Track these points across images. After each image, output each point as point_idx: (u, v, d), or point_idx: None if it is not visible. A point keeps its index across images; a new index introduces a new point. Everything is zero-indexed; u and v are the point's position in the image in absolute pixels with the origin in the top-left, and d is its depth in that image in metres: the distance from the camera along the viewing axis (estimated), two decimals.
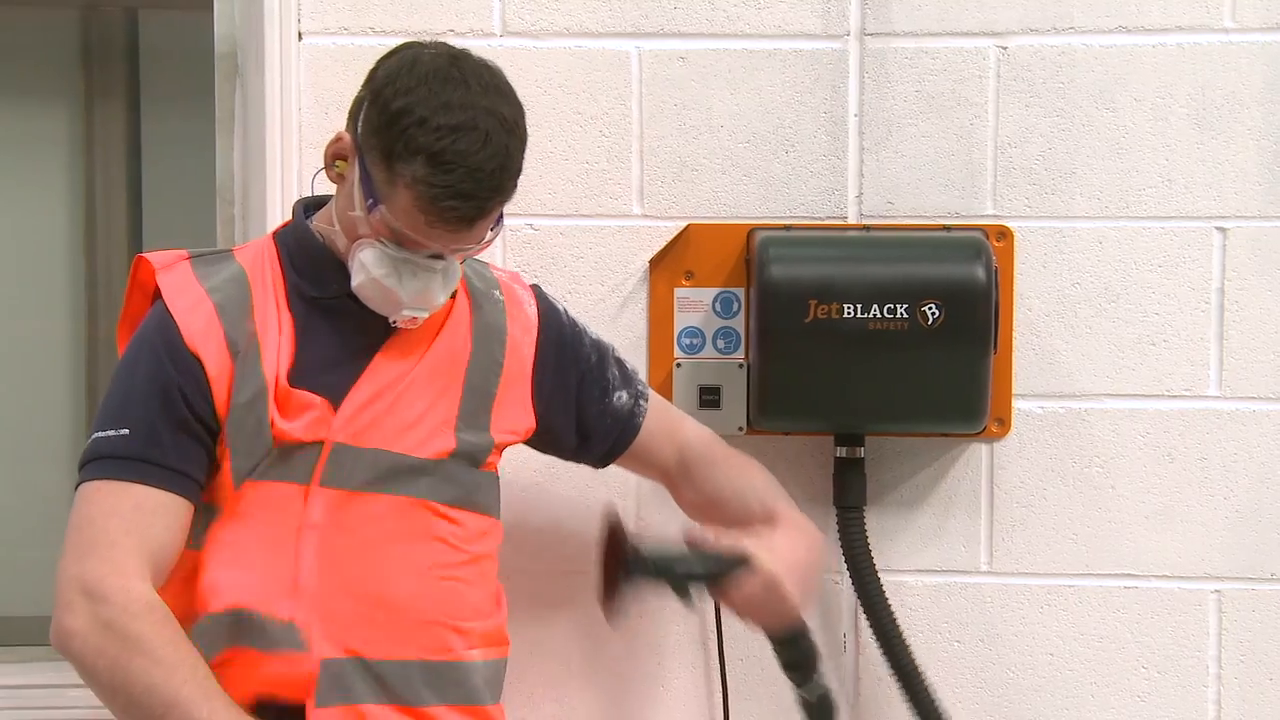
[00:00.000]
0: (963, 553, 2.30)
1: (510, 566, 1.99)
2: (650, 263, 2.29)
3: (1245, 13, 2.25)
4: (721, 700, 2.28)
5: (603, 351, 2.04)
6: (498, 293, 1.97)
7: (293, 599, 1.77)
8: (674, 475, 2.07)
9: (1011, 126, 2.28)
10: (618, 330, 2.28)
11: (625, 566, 1.86)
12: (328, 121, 2.26)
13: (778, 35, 2.28)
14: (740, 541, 1.90)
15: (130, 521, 1.72)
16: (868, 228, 2.27)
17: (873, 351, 2.13)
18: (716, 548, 1.90)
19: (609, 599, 1.87)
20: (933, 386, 2.15)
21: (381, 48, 1.84)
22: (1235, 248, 2.27)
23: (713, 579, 1.89)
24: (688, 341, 2.28)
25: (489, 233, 1.81)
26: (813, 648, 1.97)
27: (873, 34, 2.28)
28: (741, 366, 2.27)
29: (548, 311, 2.02)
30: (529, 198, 2.28)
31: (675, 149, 2.30)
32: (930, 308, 2.12)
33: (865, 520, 2.23)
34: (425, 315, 1.82)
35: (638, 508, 2.29)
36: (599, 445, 2.04)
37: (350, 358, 1.83)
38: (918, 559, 2.30)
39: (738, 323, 2.28)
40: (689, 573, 1.89)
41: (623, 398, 2.03)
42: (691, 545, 1.92)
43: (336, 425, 1.80)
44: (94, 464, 1.76)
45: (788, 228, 2.27)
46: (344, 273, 1.82)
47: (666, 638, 2.32)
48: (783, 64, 2.29)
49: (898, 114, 2.28)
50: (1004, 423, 2.27)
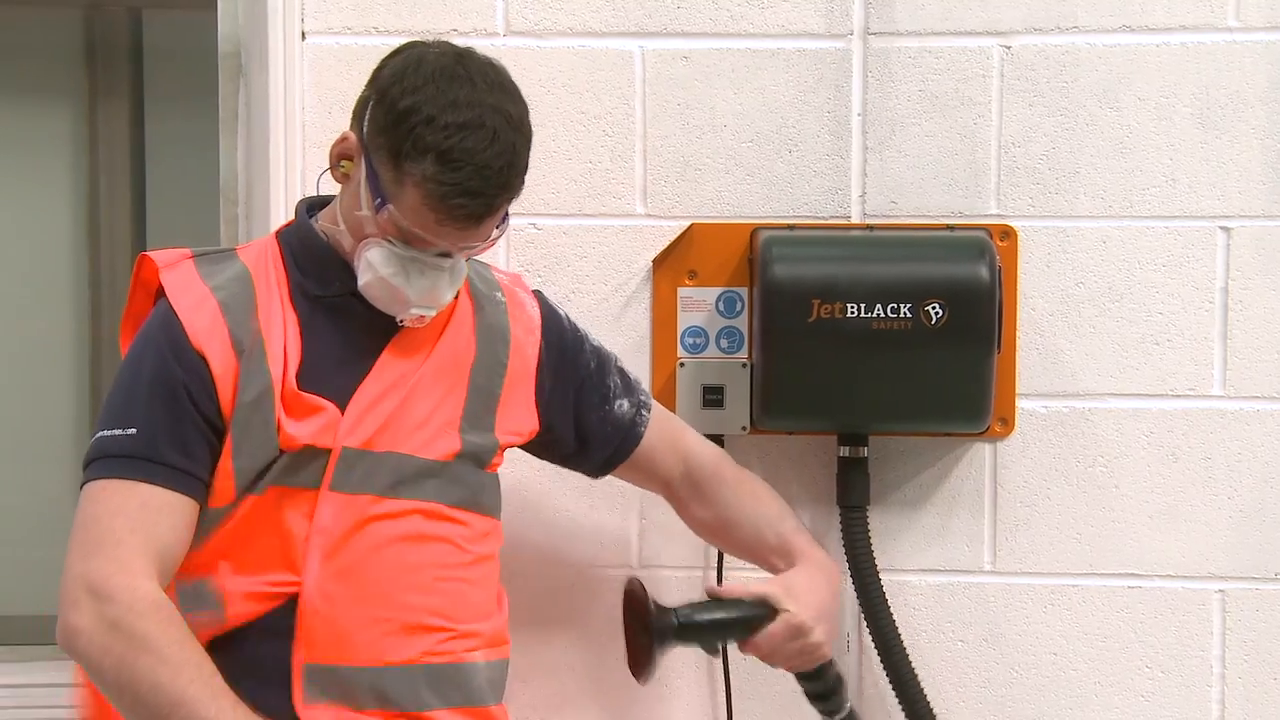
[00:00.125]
0: (966, 552, 2.30)
1: (512, 567, 1.99)
2: (654, 262, 2.29)
3: (1249, 12, 2.25)
4: (725, 700, 2.28)
5: (604, 359, 2.04)
6: (499, 294, 1.97)
7: (296, 601, 1.77)
8: (678, 489, 2.07)
9: (1015, 126, 2.27)
10: (621, 330, 2.29)
11: (651, 632, 1.85)
12: (331, 121, 2.26)
13: (781, 35, 2.28)
14: (762, 589, 1.91)
15: (136, 520, 1.72)
16: (871, 227, 2.27)
17: (876, 351, 2.13)
18: (739, 597, 1.90)
19: (638, 664, 1.87)
20: (936, 386, 2.15)
21: (385, 47, 1.84)
22: (1239, 247, 2.27)
23: (738, 633, 1.89)
24: (691, 341, 2.28)
25: (495, 230, 1.81)
26: (838, 677, 1.98)
27: (876, 33, 2.28)
28: (745, 366, 2.27)
29: (549, 315, 2.02)
30: (532, 197, 2.27)
31: (679, 148, 2.30)
32: (934, 307, 2.12)
33: (869, 520, 2.23)
34: (432, 314, 1.82)
35: (640, 508, 2.30)
36: (599, 452, 2.03)
37: (355, 358, 1.83)
38: (921, 558, 2.30)
39: (741, 322, 2.28)
40: (716, 627, 1.89)
41: (624, 406, 2.02)
42: (714, 597, 1.92)
43: (344, 429, 1.79)
44: (99, 463, 1.75)
45: (791, 227, 2.27)
46: (348, 272, 1.82)
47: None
48: (786, 63, 2.29)
49: (901, 113, 2.28)
50: (1007, 422, 2.27)
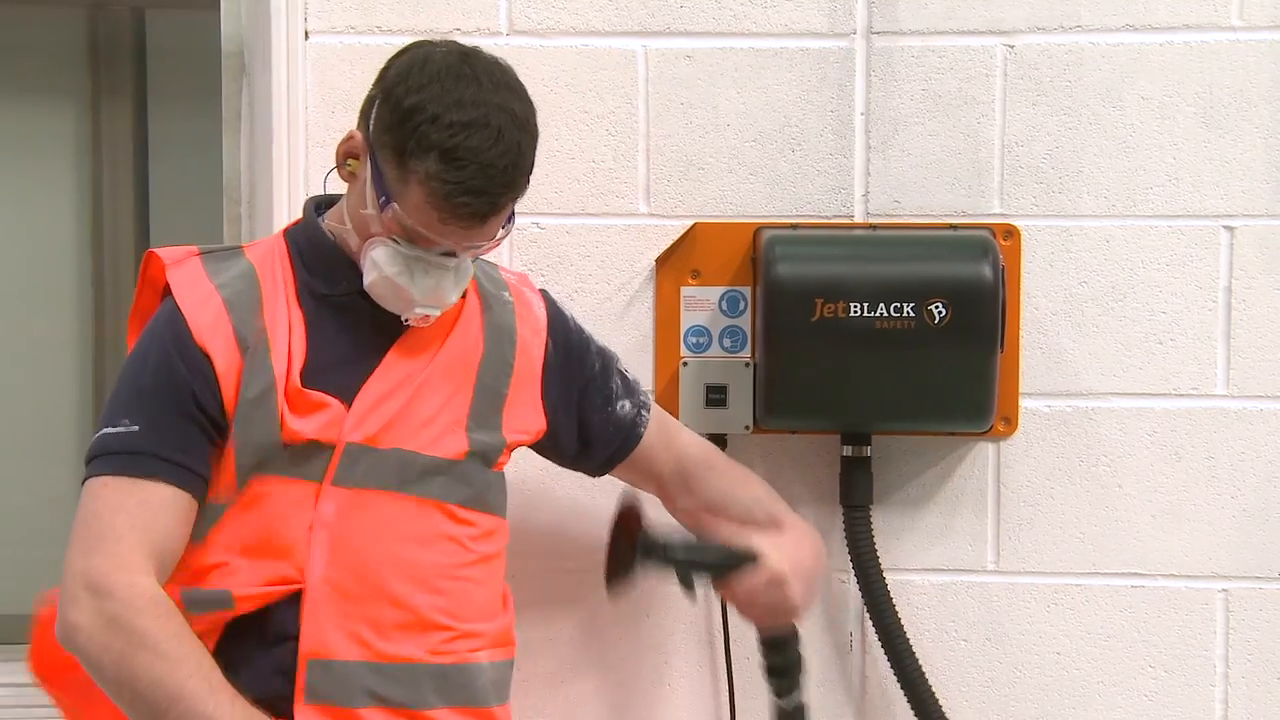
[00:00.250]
0: (969, 552, 2.30)
1: (514, 566, 1.99)
2: (657, 261, 2.29)
3: (1253, 11, 2.25)
4: (728, 699, 2.29)
5: (607, 360, 2.05)
6: (506, 294, 1.97)
7: (297, 588, 1.77)
8: (669, 484, 2.07)
9: (1018, 125, 2.27)
10: (624, 329, 2.29)
11: (636, 547, 1.87)
12: (334, 120, 2.26)
13: (784, 34, 2.28)
14: (749, 539, 1.92)
15: (136, 516, 1.72)
16: (874, 226, 2.27)
17: (879, 350, 2.13)
18: (726, 540, 1.92)
19: (614, 576, 1.88)
20: (939, 385, 2.15)
21: (388, 47, 1.84)
22: (1242, 246, 2.27)
23: (719, 571, 1.91)
24: (694, 340, 2.28)
25: (500, 230, 1.81)
26: (800, 656, 1.99)
27: (879, 32, 2.28)
28: (748, 365, 2.27)
29: (556, 315, 2.02)
30: (535, 196, 2.26)
31: (682, 148, 2.30)
32: (937, 306, 2.12)
33: (872, 519, 2.23)
34: (437, 313, 1.82)
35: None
36: (600, 452, 2.04)
37: (362, 356, 1.83)
38: (924, 558, 2.30)
39: (744, 321, 2.28)
40: (697, 561, 1.91)
41: (625, 406, 2.03)
42: (702, 536, 1.93)
43: (349, 424, 1.79)
44: (101, 459, 1.76)
45: (794, 226, 2.27)
46: (355, 271, 1.82)
47: (672, 636, 2.32)
48: (789, 63, 2.28)
49: (904, 112, 2.28)
50: (1011, 421, 2.27)
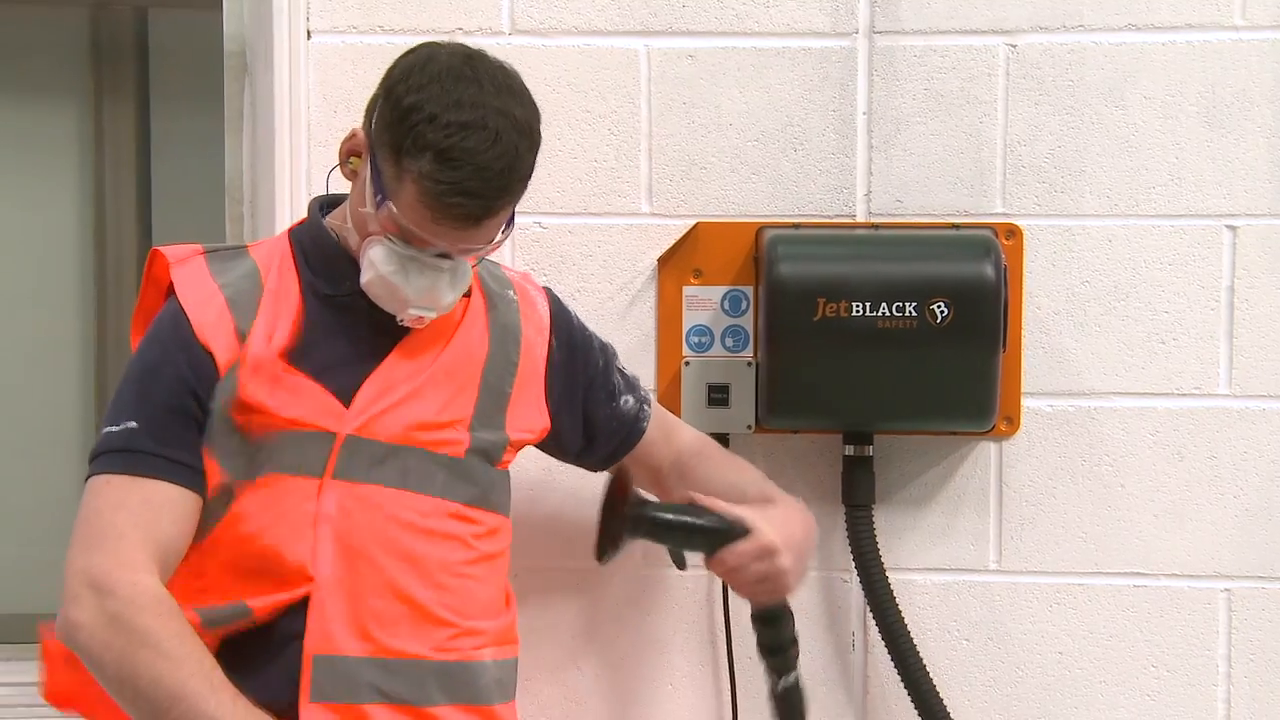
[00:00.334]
0: (971, 551, 2.30)
1: (517, 563, 1.99)
2: (659, 261, 2.29)
3: (1255, 10, 2.25)
4: (730, 697, 2.29)
5: (609, 356, 2.06)
6: (511, 293, 1.97)
7: (305, 587, 1.77)
8: (667, 478, 2.07)
9: (1021, 124, 2.27)
10: (626, 328, 2.29)
11: (625, 518, 1.86)
12: (336, 120, 2.26)
13: (786, 33, 2.28)
14: (739, 510, 1.91)
15: (138, 515, 1.72)
16: (876, 226, 2.27)
17: (881, 350, 2.13)
18: (718, 511, 1.91)
19: (604, 546, 1.86)
20: (942, 385, 2.15)
21: (390, 46, 1.85)
22: (1245, 246, 2.26)
23: (709, 542, 1.89)
24: (696, 340, 2.28)
25: (499, 234, 1.80)
26: (793, 633, 1.98)
27: (881, 32, 2.28)
28: (750, 365, 2.27)
29: (559, 313, 2.02)
30: (537, 196, 2.27)
31: (684, 147, 2.29)
32: (939, 306, 2.12)
33: (874, 518, 2.23)
34: (432, 315, 1.81)
35: None
36: (603, 448, 2.04)
37: (365, 355, 1.83)
38: (926, 557, 2.30)
39: (746, 321, 2.28)
40: (686, 530, 1.90)
41: (629, 402, 2.04)
42: (693, 504, 1.92)
43: (349, 418, 1.79)
44: (103, 457, 1.76)
45: (796, 226, 2.27)
46: (357, 270, 1.82)
47: (675, 634, 2.32)
48: (791, 62, 2.28)
49: (906, 112, 2.28)
50: (1013, 421, 2.27)
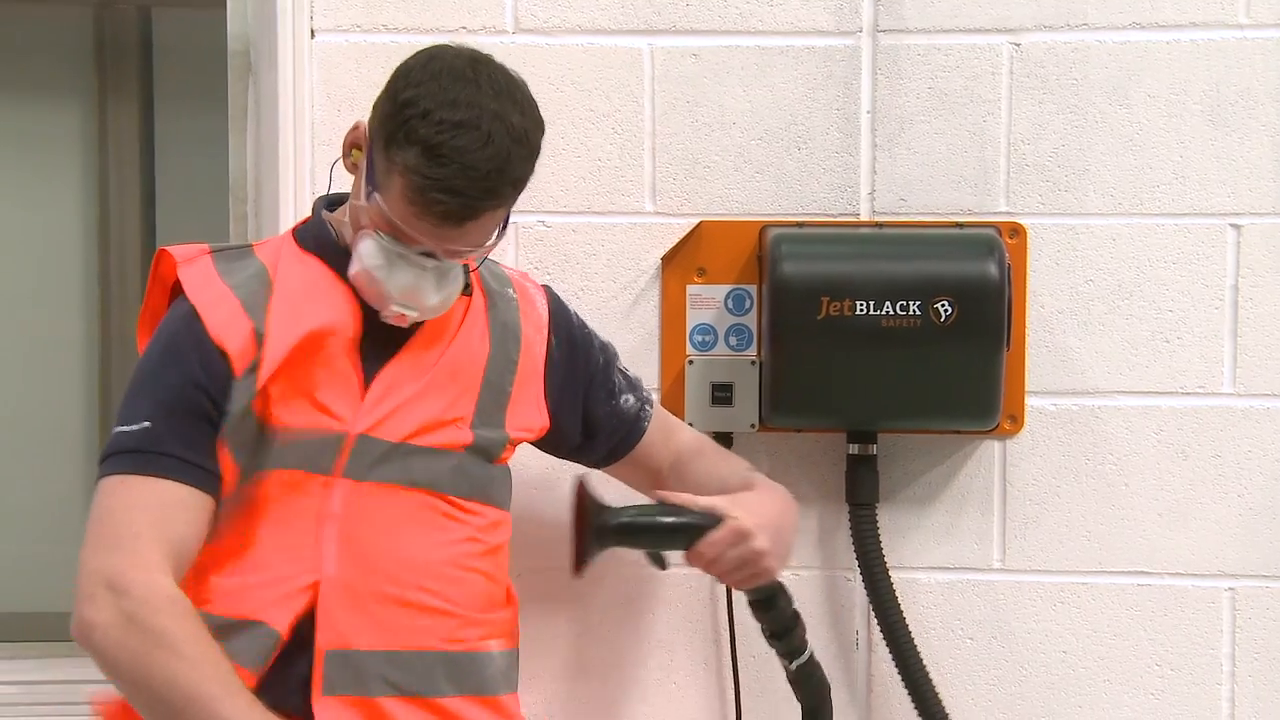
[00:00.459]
0: (975, 550, 2.30)
1: (521, 563, 1.99)
2: (662, 260, 2.29)
3: (1260, 9, 2.24)
4: (734, 696, 2.29)
5: (609, 355, 2.06)
6: (510, 291, 1.98)
7: (313, 588, 1.77)
8: (665, 479, 2.07)
9: (1025, 123, 2.27)
10: (630, 327, 2.29)
11: (592, 528, 1.85)
12: (340, 119, 2.26)
13: (790, 32, 2.28)
14: (710, 501, 1.90)
15: (153, 515, 1.72)
16: (880, 224, 2.27)
17: (885, 348, 2.13)
18: (687, 505, 1.89)
19: (578, 559, 1.86)
20: (945, 383, 2.14)
21: (394, 45, 1.85)
22: (1249, 244, 2.26)
23: (683, 536, 1.88)
24: (700, 338, 2.28)
25: (489, 240, 1.79)
26: (794, 613, 1.97)
27: (885, 30, 2.28)
28: (754, 363, 2.27)
29: (559, 311, 2.03)
30: (541, 194, 2.28)
31: (687, 146, 2.29)
32: (943, 305, 2.12)
33: (878, 517, 2.23)
34: (414, 314, 1.80)
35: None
36: (602, 446, 2.05)
37: (370, 355, 1.82)
38: (930, 556, 2.30)
39: (750, 320, 2.28)
40: (656, 529, 1.89)
41: (629, 400, 2.04)
42: (662, 503, 1.91)
43: (359, 418, 1.80)
44: (116, 458, 1.75)
45: (800, 224, 2.27)
46: None
47: (678, 633, 2.32)
48: (795, 61, 2.28)
49: (910, 110, 2.28)
50: (1017, 420, 2.27)
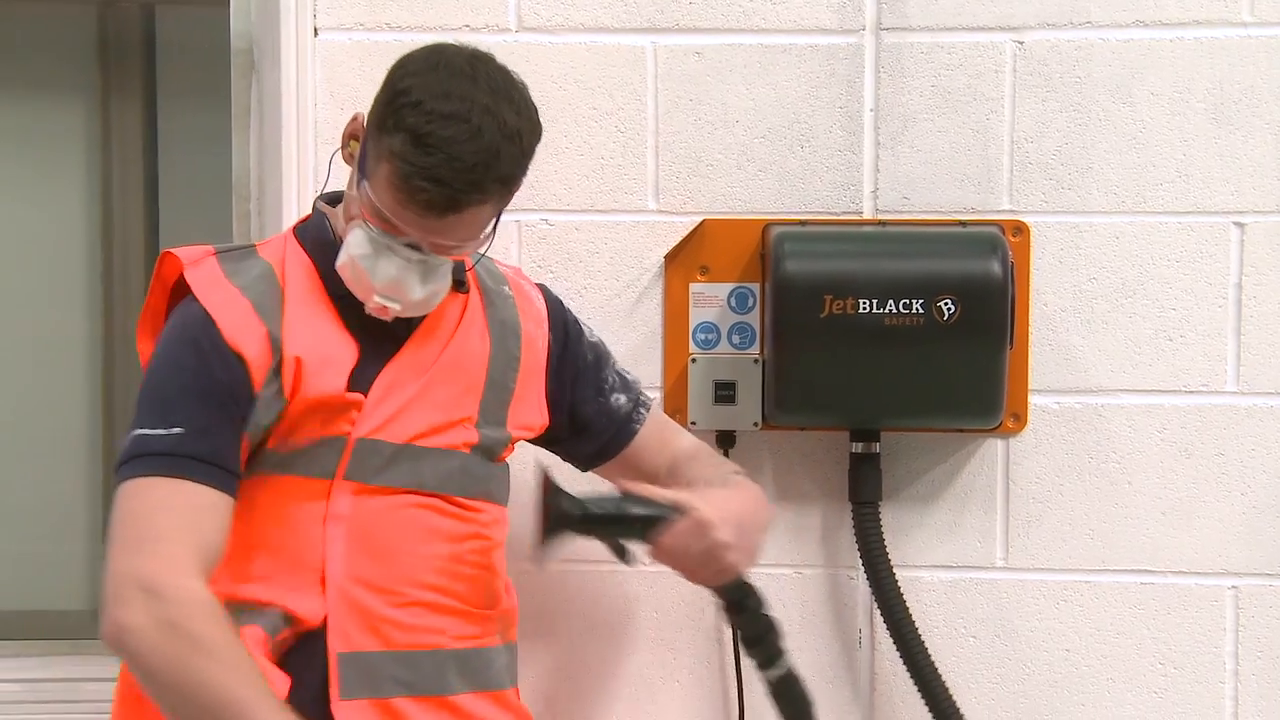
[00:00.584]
0: (978, 548, 2.30)
1: (524, 563, 1.99)
2: (665, 258, 2.29)
3: (1264, 7, 2.24)
4: (736, 695, 2.28)
5: (601, 354, 2.05)
6: (506, 288, 1.98)
7: (319, 591, 1.77)
8: (661, 482, 2.02)
9: (1028, 121, 2.27)
10: (632, 325, 2.29)
11: (554, 517, 1.83)
12: (343, 117, 2.23)
13: (793, 30, 2.28)
14: (675, 494, 1.88)
15: (184, 518, 1.70)
16: (883, 223, 2.27)
17: (888, 347, 2.13)
18: (651, 497, 1.87)
19: (539, 546, 1.84)
20: (949, 382, 2.14)
21: (397, 44, 1.85)
22: (1253, 243, 2.26)
23: (644, 528, 1.85)
24: (703, 337, 2.28)
25: (476, 236, 1.78)
26: (767, 618, 1.93)
27: (889, 29, 2.27)
28: (757, 362, 2.27)
29: (555, 306, 2.03)
30: (544, 193, 2.28)
31: (690, 144, 2.29)
32: (946, 303, 2.12)
33: (881, 515, 2.23)
34: (397, 308, 1.78)
35: None
36: (590, 443, 2.03)
37: (371, 356, 1.82)
38: (933, 554, 2.30)
39: (753, 318, 2.28)
40: (619, 523, 1.87)
41: (620, 400, 2.03)
42: (626, 494, 1.88)
43: (360, 421, 1.79)
44: (141, 459, 1.72)
45: (803, 223, 2.27)
46: None
47: (681, 633, 2.32)
48: (798, 59, 2.28)
49: (913, 109, 2.28)
50: (1020, 418, 2.27)
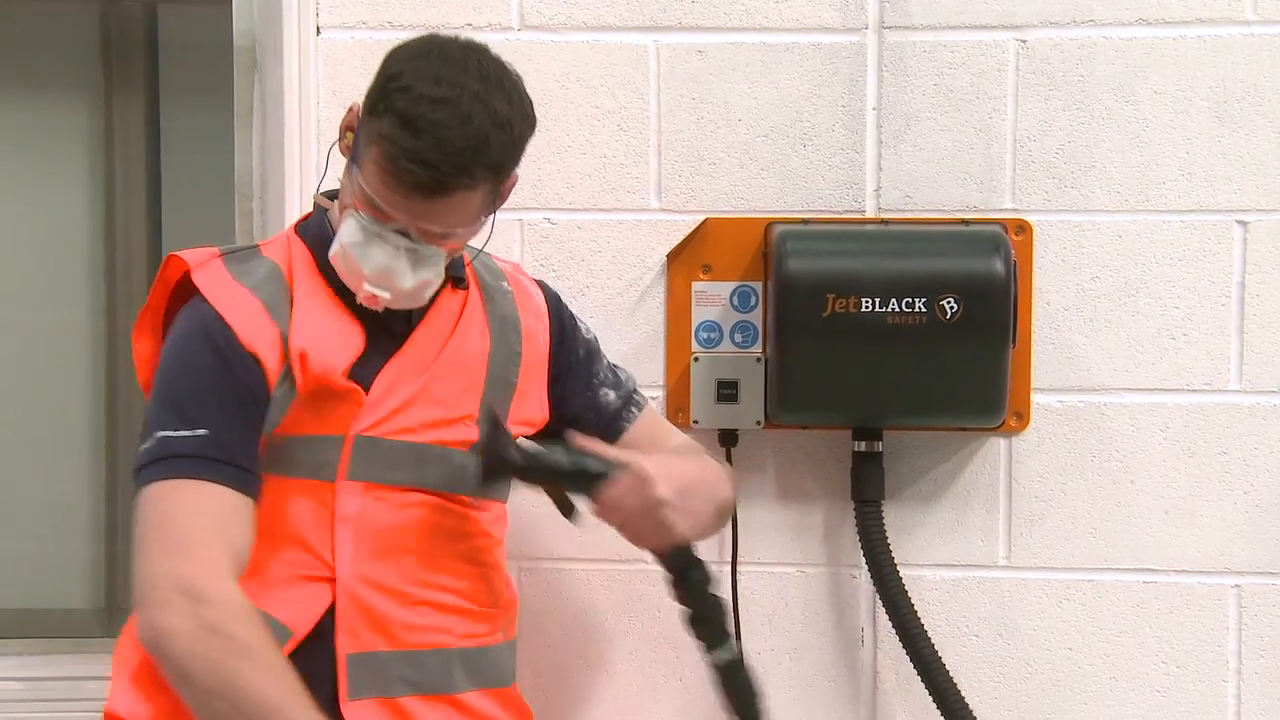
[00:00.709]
0: (981, 547, 2.30)
1: (527, 561, 1.99)
2: (668, 257, 2.29)
3: (1267, 5, 2.24)
4: None
5: (592, 350, 2.04)
6: (505, 284, 1.98)
7: (319, 593, 1.77)
8: None
9: (1031, 120, 2.27)
10: (635, 324, 2.29)
11: (492, 461, 1.80)
12: None
13: (796, 29, 2.28)
14: (625, 454, 1.84)
15: (216, 522, 1.69)
16: (886, 221, 2.27)
17: (891, 345, 2.13)
18: (599, 453, 1.84)
19: (480, 489, 1.82)
20: (951, 380, 2.14)
21: (399, 42, 1.84)
22: (1256, 241, 2.26)
23: (584, 481, 1.82)
24: (705, 335, 2.28)
25: (465, 224, 1.76)
26: (714, 599, 1.90)
27: (891, 27, 2.27)
28: (759, 360, 2.27)
29: (554, 299, 2.03)
30: (546, 191, 2.28)
31: (693, 143, 2.29)
32: (949, 301, 2.12)
33: (883, 514, 2.23)
34: (387, 297, 1.77)
35: None
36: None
37: (371, 354, 1.82)
38: (936, 553, 2.30)
39: (755, 317, 2.28)
40: (560, 475, 1.83)
41: (609, 396, 2.01)
42: (575, 448, 1.85)
43: (359, 419, 1.79)
44: (167, 462, 1.71)
45: (805, 221, 2.27)
46: None
47: (684, 632, 2.31)
48: (801, 57, 2.28)
49: (916, 107, 2.28)
50: (1022, 417, 2.26)
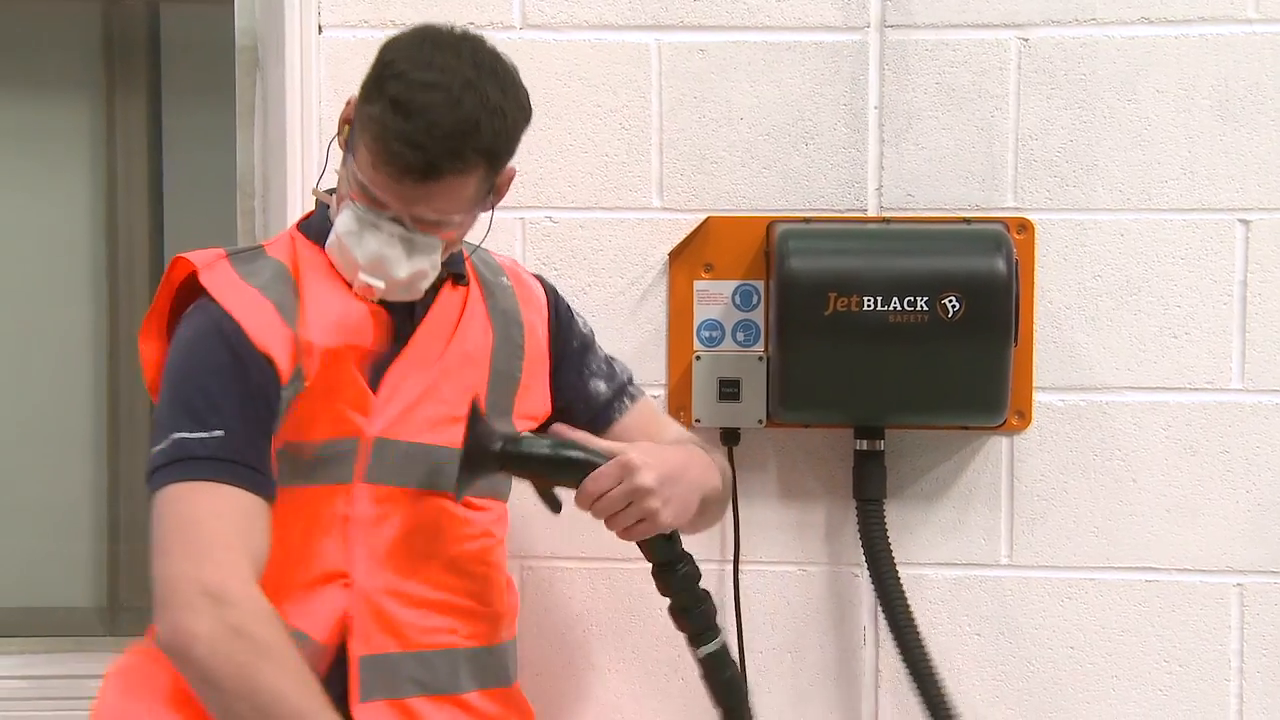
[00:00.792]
0: (983, 546, 2.30)
1: (529, 560, 1.99)
2: (670, 255, 2.29)
3: (1269, 3, 2.24)
4: None
5: (586, 341, 2.03)
6: (504, 279, 1.98)
7: (335, 600, 1.77)
8: None
9: (1032, 118, 2.27)
10: (637, 323, 2.29)
11: (474, 452, 1.78)
12: None
13: (798, 27, 2.28)
14: (610, 444, 1.83)
15: (237, 524, 1.68)
16: (887, 220, 2.27)
17: (893, 344, 2.13)
18: (583, 443, 1.83)
19: (460, 479, 1.80)
20: (953, 379, 2.14)
21: None
22: (1258, 240, 2.26)
23: (568, 471, 1.81)
24: (707, 334, 2.28)
25: (458, 211, 1.76)
26: (702, 592, 1.89)
27: (893, 26, 2.27)
28: (761, 359, 2.27)
29: (553, 293, 2.03)
30: (548, 190, 2.28)
31: (695, 141, 2.29)
32: (950, 300, 2.12)
33: (885, 513, 2.23)
34: (381, 286, 1.77)
35: None
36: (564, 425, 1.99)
37: (376, 354, 1.82)
38: (938, 552, 2.30)
39: (757, 315, 2.28)
40: (543, 464, 1.82)
41: (600, 387, 2.01)
42: (560, 439, 1.85)
43: (373, 420, 1.79)
44: (185, 464, 1.69)
45: (807, 220, 2.27)
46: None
47: None
48: (803, 56, 2.28)
49: (918, 106, 2.28)
50: (1024, 415, 2.26)
